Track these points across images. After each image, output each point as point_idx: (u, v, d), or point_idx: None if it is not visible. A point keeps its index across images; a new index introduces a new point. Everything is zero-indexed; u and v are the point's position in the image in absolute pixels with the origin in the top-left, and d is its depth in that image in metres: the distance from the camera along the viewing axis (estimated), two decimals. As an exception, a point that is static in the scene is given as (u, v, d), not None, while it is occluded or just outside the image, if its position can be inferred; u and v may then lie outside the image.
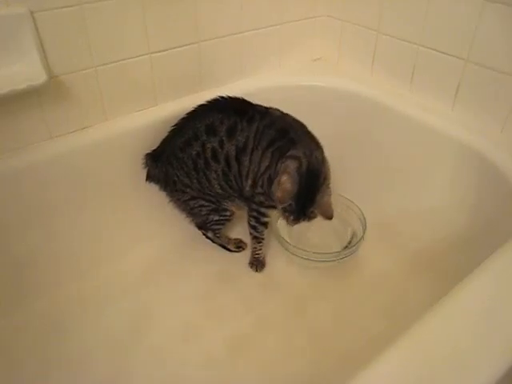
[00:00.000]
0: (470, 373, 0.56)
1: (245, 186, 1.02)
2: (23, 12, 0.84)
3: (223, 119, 0.98)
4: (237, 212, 1.14)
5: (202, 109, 1.02)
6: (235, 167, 1.00)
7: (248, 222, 1.11)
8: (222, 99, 1.02)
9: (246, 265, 1.17)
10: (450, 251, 1.09)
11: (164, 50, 1.07)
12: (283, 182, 0.89)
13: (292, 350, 0.98)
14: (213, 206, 1.10)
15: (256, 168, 0.98)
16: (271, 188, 0.95)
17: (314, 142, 0.96)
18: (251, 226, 1.11)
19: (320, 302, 1.09)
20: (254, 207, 1.06)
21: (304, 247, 1.12)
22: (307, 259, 1.12)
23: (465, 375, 0.55)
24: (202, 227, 1.19)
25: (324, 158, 0.95)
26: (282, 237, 1.15)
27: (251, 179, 1.00)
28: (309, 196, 0.92)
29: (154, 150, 1.07)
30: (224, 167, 1.01)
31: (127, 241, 1.18)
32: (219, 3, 1.09)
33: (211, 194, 1.07)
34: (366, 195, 1.26)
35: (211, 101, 1.02)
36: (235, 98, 1.02)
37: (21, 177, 0.96)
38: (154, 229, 1.21)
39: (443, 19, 1.04)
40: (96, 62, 0.98)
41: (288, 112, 0.99)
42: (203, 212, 1.12)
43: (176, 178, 1.06)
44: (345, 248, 1.19)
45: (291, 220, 0.96)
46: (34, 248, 1.04)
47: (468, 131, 1.03)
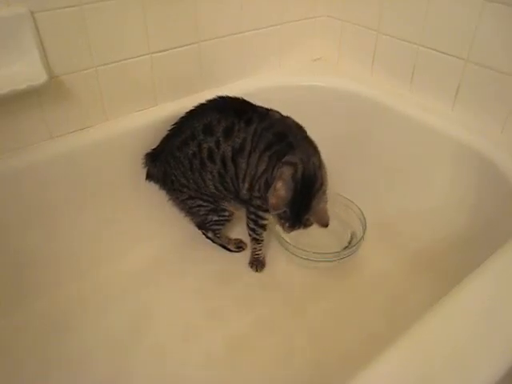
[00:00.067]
0: (470, 373, 0.56)
1: (242, 189, 1.02)
2: (24, 12, 0.84)
3: (221, 119, 0.97)
4: (236, 212, 1.14)
5: (202, 108, 1.01)
6: (232, 169, 0.99)
7: (247, 224, 1.10)
8: (222, 99, 1.01)
9: (246, 265, 1.18)
10: (450, 251, 1.09)
11: (164, 50, 1.07)
12: (278, 189, 0.87)
13: (292, 350, 0.98)
14: (211, 207, 1.10)
15: (253, 171, 0.97)
16: (268, 193, 0.94)
17: (312, 147, 0.95)
18: (250, 228, 1.10)
19: (320, 302, 1.09)
20: (252, 210, 1.05)
21: (304, 247, 1.12)
22: (307, 259, 1.12)
23: (465, 375, 0.55)
24: (202, 227, 1.19)
25: (321, 164, 0.94)
26: (282, 237, 1.15)
27: (248, 182, 1.00)
28: (304, 203, 0.90)
29: (154, 149, 1.07)
30: (220, 169, 1.00)
31: (127, 241, 1.18)
32: (219, 3, 1.09)
33: (208, 195, 1.07)
34: (366, 195, 1.26)
35: (211, 100, 1.01)
36: (235, 98, 1.01)
37: (21, 177, 0.96)
38: (154, 229, 1.22)
39: (443, 19, 1.04)
40: (96, 62, 0.98)
41: (288, 112, 0.99)
42: (201, 212, 1.12)
43: (174, 178, 1.06)
44: (345, 248, 1.19)
45: (287, 227, 0.95)
46: (34, 248, 1.04)
47: (468, 131, 1.03)
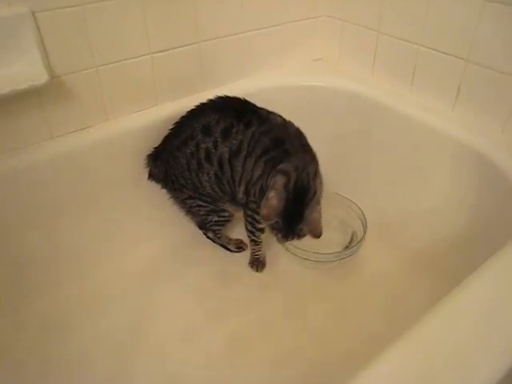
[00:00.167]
0: (470, 373, 0.56)
1: (238, 192, 1.02)
2: (25, 12, 0.85)
3: (219, 119, 0.97)
4: (236, 213, 1.14)
5: (202, 108, 1.01)
6: (228, 172, 0.99)
7: (245, 226, 1.10)
8: (223, 99, 1.01)
9: (247, 265, 1.18)
10: (450, 251, 1.09)
11: (165, 50, 1.07)
12: (270, 199, 0.85)
13: (292, 350, 0.98)
14: (210, 207, 1.10)
15: (249, 176, 0.97)
16: (262, 200, 0.91)
17: (310, 156, 0.93)
18: (248, 230, 1.10)
19: (320, 302, 1.09)
20: (249, 213, 1.05)
21: (304, 247, 1.12)
22: (307, 259, 1.12)
23: (465, 375, 0.56)
24: (202, 227, 1.19)
25: (316, 173, 0.92)
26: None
27: (244, 186, 0.99)
28: (296, 213, 0.88)
29: (155, 149, 1.07)
30: (217, 170, 0.99)
31: (127, 241, 1.18)
32: (219, 3, 1.09)
33: (206, 195, 1.07)
34: (366, 195, 1.26)
35: (212, 100, 1.01)
36: (237, 99, 1.01)
37: (21, 177, 0.96)
38: (155, 229, 1.22)
39: (443, 19, 1.04)
40: (97, 62, 0.98)
41: (289, 112, 0.99)
42: (201, 212, 1.12)
43: (174, 178, 1.06)
44: (345, 248, 1.19)
45: (280, 238, 0.93)
46: (34, 248, 1.04)
47: (468, 131, 1.03)
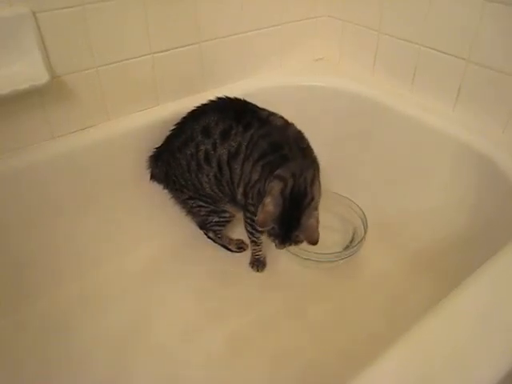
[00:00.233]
0: (470, 373, 0.56)
1: (237, 194, 1.02)
2: (25, 12, 0.85)
3: (219, 121, 0.96)
4: (236, 214, 1.14)
5: (203, 108, 1.01)
6: (227, 173, 0.98)
7: (245, 227, 1.10)
8: (224, 100, 1.00)
9: (247, 265, 1.18)
10: (450, 251, 1.09)
11: (165, 51, 1.07)
12: (266, 205, 0.84)
13: (292, 350, 0.98)
14: (211, 208, 1.10)
15: (247, 178, 0.96)
16: (260, 204, 0.89)
17: (308, 160, 0.92)
18: (248, 232, 1.10)
19: (320, 302, 1.09)
20: (248, 215, 1.05)
21: (305, 247, 1.12)
22: (308, 259, 1.13)
23: (465, 375, 0.56)
24: (203, 227, 1.20)
25: (314, 179, 0.90)
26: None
27: (242, 188, 0.99)
28: (293, 219, 0.86)
29: (157, 149, 1.07)
30: (216, 172, 0.99)
31: (128, 241, 1.19)
32: (220, 3, 1.10)
33: (206, 196, 1.07)
34: (366, 195, 1.26)
35: (213, 100, 1.01)
36: (238, 100, 1.00)
37: (22, 177, 0.96)
38: (155, 229, 1.22)
39: (444, 19, 1.04)
40: (98, 63, 0.98)
41: (289, 112, 0.99)
42: (202, 212, 1.12)
43: (174, 178, 1.06)
44: (346, 248, 1.19)
45: (277, 244, 0.91)
46: (35, 248, 1.04)
47: (469, 132, 1.03)
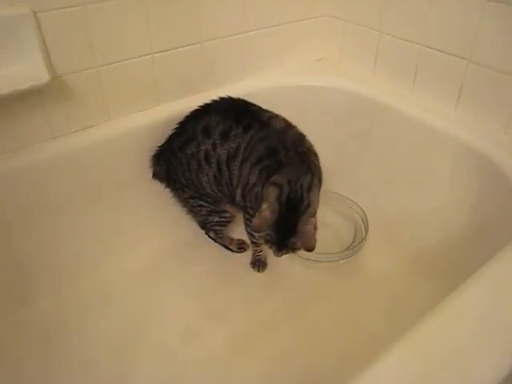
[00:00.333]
0: (470, 373, 0.56)
1: (236, 195, 1.02)
2: (26, 12, 0.85)
3: (219, 121, 0.96)
4: (237, 214, 1.14)
5: (205, 108, 1.01)
6: (226, 174, 0.99)
7: (245, 228, 1.10)
8: (226, 100, 1.00)
9: (248, 265, 1.18)
10: (450, 251, 1.09)
11: (166, 50, 1.07)
12: (262, 210, 0.84)
13: (292, 350, 0.98)
14: (212, 207, 1.10)
15: (245, 181, 0.96)
16: (258, 207, 0.88)
17: (306, 165, 0.90)
18: (248, 232, 1.10)
19: (320, 302, 1.09)
20: (247, 217, 1.05)
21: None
22: (309, 259, 1.13)
23: (465, 375, 0.56)
24: (204, 227, 1.20)
25: (311, 185, 0.88)
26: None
27: (240, 189, 0.99)
28: (289, 225, 0.85)
29: (159, 148, 1.07)
30: (216, 172, 0.99)
31: (129, 240, 1.19)
32: (221, 3, 1.10)
33: (207, 196, 1.07)
34: (366, 195, 1.27)
35: (216, 100, 1.01)
36: (239, 100, 1.00)
37: (22, 177, 0.96)
38: (156, 228, 1.22)
39: (445, 19, 1.04)
40: (98, 62, 0.98)
41: (289, 112, 0.98)
42: (203, 212, 1.12)
43: (175, 177, 1.06)
44: (347, 248, 1.19)
45: (274, 251, 0.90)
46: (36, 248, 1.04)
47: (470, 132, 1.03)
